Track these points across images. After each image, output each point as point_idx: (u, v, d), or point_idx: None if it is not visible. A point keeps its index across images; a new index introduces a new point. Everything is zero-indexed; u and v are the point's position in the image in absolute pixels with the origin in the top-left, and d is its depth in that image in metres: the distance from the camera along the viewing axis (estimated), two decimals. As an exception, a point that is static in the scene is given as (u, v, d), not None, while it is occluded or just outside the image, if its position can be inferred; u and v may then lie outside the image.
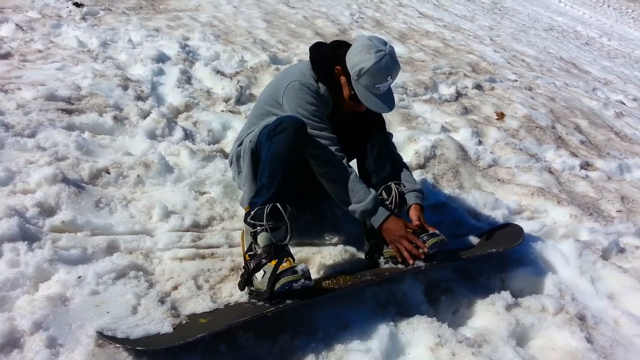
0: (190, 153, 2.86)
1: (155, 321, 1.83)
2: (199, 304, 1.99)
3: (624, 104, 6.19)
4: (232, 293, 2.09)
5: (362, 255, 2.40)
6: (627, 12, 20.82)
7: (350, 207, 2.19)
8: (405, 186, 2.36)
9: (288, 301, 1.86)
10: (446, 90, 4.87)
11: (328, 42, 2.41)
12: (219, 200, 2.60)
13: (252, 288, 2.01)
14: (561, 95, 5.65)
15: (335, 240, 2.50)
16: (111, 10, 5.56)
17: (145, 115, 3.18)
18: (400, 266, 2.20)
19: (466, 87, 5.02)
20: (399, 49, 6.33)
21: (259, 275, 1.98)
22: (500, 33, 9.32)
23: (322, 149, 2.18)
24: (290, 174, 2.07)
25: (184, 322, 1.86)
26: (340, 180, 2.19)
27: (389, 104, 2.24)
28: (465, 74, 5.43)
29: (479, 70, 5.93)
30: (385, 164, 2.36)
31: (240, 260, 2.25)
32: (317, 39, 5.93)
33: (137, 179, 2.60)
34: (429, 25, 8.36)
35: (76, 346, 1.68)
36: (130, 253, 2.17)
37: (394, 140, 3.40)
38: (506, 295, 2.26)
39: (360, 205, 2.16)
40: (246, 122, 2.54)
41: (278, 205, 2.00)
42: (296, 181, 2.15)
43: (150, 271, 2.12)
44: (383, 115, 2.45)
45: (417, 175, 3.16)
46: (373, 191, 2.20)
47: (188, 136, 3.13)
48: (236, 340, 1.87)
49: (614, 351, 2.14)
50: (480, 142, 3.81)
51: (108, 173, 2.59)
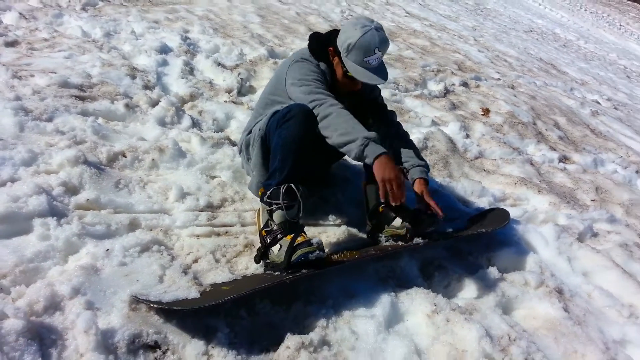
0: (200, 140, 3.03)
1: (181, 288, 2.02)
2: (219, 275, 2.18)
3: (599, 104, 6.52)
4: (248, 266, 2.28)
5: (364, 234, 2.60)
6: (603, 17, 21.43)
7: (349, 143, 2.16)
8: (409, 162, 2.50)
9: (303, 270, 2.05)
10: (435, 86, 5.11)
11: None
12: (229, 183, 2.78)
13: (268, 261, 2.20)
14: (541, 94, 5.95)
15: (338, 222, 2.71)
16: (109, 1, 5.66)
17: (154, 103, 3.34)
18: (400, 243, 2.41)
19: (453, 85, 5.27)
20: (389, 47, 6.55)
21: (275, 249, 2.18)
22: (483, 33, 9.62)
23: (323, 105, 2.24)
24: (300, 158, 2.24)
25: (208, 290, 2.04)
26: (344, 121, 2.19)
27: (382, 76, 2.32)
28: (452, 72, 5.68)
29: (465, 68, 6.19)
30: (392, 142, 2.56)
31: (252, 238, 2.44)
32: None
33: (152, 163, 2.76)
34: (416, 24, 8.61)
35: (112, 309, 1.86)
36: (150, 230, 2.34)
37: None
38: (493, 270, 2.50)
39: (361, 133, 2.15)
40: (253, 113, 2.72)
41: (292, 185, 2.20)
42: (305, 165, 2.34)
43: (170, 246, 2.29)
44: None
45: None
46: (370, 133, 2.17)
47: (195, 124, 3.30)
48: (254, 307, 2.07)
49: (587, 320, 2.39)
50: (467, 136, 4.06)
51: (124, 156, 2.75)
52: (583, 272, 2.77)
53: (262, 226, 2.23)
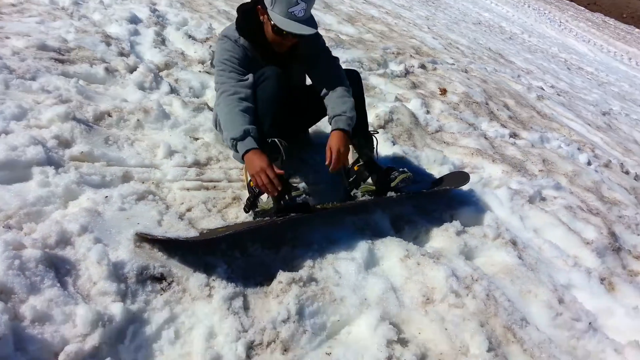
0: (182, 103, 3.15)
1: (180, 230, 2.18)
2: (212, 222, 2.34)
3: (544, 90, 7.02)
4: (238, 215, 2.45)
5: (341, 190, 2.82)
6: (545, 13, 22.54)
7: (227, 136, 2.29)
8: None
9: (292, 214, 2.25)
10: (396, 67, 5.38)
11: None
12: (213, 144, 2.92)
13: (257, 209, 2.38)
14: (492, 78, 6.36)
15: (317, 182, 2.91)
16: (71, -29, 5.56)
17: (131, 69, 3.41)
18: (374, 197, 2.65)
19: (413, 66, 5.57)
20: (350, 30, 6.78)
21: (264, 197, 2.36)
22: (435, 23, 10.02)
23: (219, 89, 2.40)
24: (277, 113, 2.43)
25: (205, 232, 2.21)
26: (225, 113, 2.32)
27: (311, 25, 2.32)
28: (410, 55, 5.98)
29: (422, 53, 6.51)
30: (361, 115, 2.77)
31: (239, 192, 2.60)
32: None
33: (137, 123, 2.86)
34: (373, 11, 8.87)
35: (119, 246, 2.00)
36: (143, 182, 2.46)
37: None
38: (456, 224, 2.79)
39: (231, 132, 2.26)
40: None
41: (275, 140, 2.39)
42: (283, 122, 2.52)
43: (163, 197, 2.42)
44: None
45: (379, 135, 3.61)
46: (249, 126, 2.27)
47: (174, 90, 3.40)
48: (247, 249, 2.25)
49: (539, 267, 2.72)
50: (428, 112, 4.35)
51: (110, 116, 2.83)
52: (534, 229, 3.11)
53: (250, 178, 2.40)
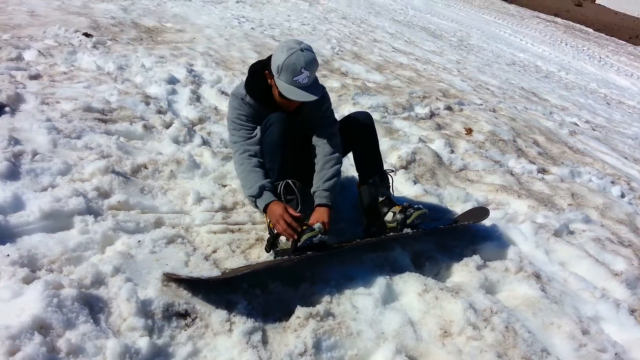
0: (212, 154, 3.38)
1: (205, 270, 2.33)
2: (235, 262, 2.49)
3: (578, 125, 6.96)
4: (260, 255, 2.59)
5: (361, 230, 2.92)
6: (583, 50, 22.33)
7: (246, 194, 2.57)
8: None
9: (309, 252, 2.37)
10: (421, 110, 5.52)
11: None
12: (240, 190, 3.10)
13: (277, 249, 2.52)
14: (521, 116, 6.39)
15: (337, 221, 3.02)
16: (117, 40, 6.09)
17: (168, 125, 3.70)
18: (391, 234, 2.73)
19: (438, 108, 5.69)
20: (378, 78, 7.02)
21: (283, 238, 2.50)
22: (466, 66, 10.17)
23: (232, 148, 2.67)
24: (285, 156, 2.59)
25: (227, 271, 2.35)
26: (240, 172, 2.60)
27: (313, 93, 2.46)
28: (437, 98, 6.12)
29: (449, 95, 6.64)
30: (375, 156, 2.91)
31: (262, 233, 2.75)
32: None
33: (171, 173, 3.10)
34: (403, 58, 9.13)
35: (148, 285, 2.16)
36: (173, 227, 2.66)
37: (380, 148, 4.02)
38: (477, 258, 2.82)
39: (249, 191, 2.53)
40: None
41: (289, 181, 2.55)
42: (295, 165, 2.67)
43: (191, 240, 2.60)
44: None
45: (401, 174, 3.74)
46: (263, 180, 2.51)
47: (205, 142, 3.65)
48: (267, 287, 2.37)
49: (563, 299, 2.70)
50: (452, 151, 4.43)
51: (146, 168, 3.08)
52: (559, 262, 3.09)
53: (269, 220, 2.55)
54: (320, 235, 2.39)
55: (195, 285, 2.21)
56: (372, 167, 2.91)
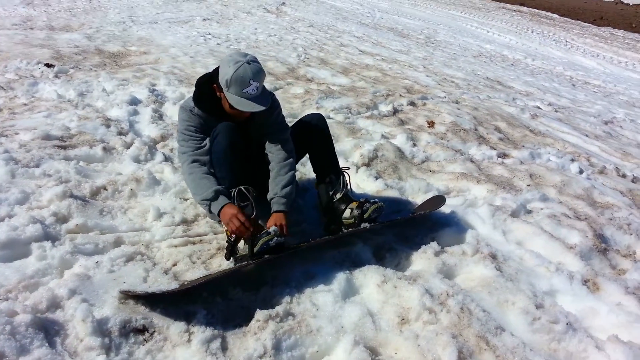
0: (172, 169, 3.43)
1: (163, 284, 2.37)
2: (196, 273, 2.53)
3: (540, 109, 7.11)
4: (221, 264, 2.64)
5: (321, 229, 2.98)
6: (549, 36, 22.69)
7: (198, 200, 2.60)
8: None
9: (266, 256, 2.43)
10: (384, 108, 5.61)
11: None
12: (200, 202, 3.15)
13: (237, 255, 2.57)
14: (484, 105, 6.51)
15: (299, 223, 3.09)
16: (79, 68, 6.12)
17: (128, 145, 3.74)
18: (350, 230, 2.80)
19: (402, 105, 5.79)
20: (343, 81, 7.12)
21: (241, 244, 2.55)
22: (432, 62, 10.33)
23: (181, 159, 2.71)
24: (234, 163, 2.64)
25: (186, 282, 2.40)
26: (191, 181, 2.63)
27: (262, 103, 2.54)
28: (400, 95, 6.22)
29: (413, 91, 6.75)
30: (330, 156, 2.98)
31: (223, 242, 2.80)
32: (269, 78, 6.66)
33: (131, 192, 3.14)
34: (369, 59, 9.25)
35: (104, 304, 2.20)
36: (133, 245, 2.70)
37: (343, 149, 4.10)
38: (434, 245, 2.90)
39: (203, 194, 2.55)
40: None
41: (242, 188, 2.60)
42: (246, 172, 2.72)
43: (152, 256, 2.64)
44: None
45: (363, 171, 3.81)
46: (218, 186, 2.56)
47: (168, 159, 3.69)
48: (228, 293, 2.42)
49: (519, 277, 2.77)
50: (414, 145, 4.52)
51: (106, 189, 3.12)
52: (516, 242, 3.18)
53: (226, 227, 2.60)
54: (276, 238, 2.44)
55: (152, 299, 2.25)
56: (328, 167, 2.98)
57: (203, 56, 7.70)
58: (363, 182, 3.74)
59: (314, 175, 3.06)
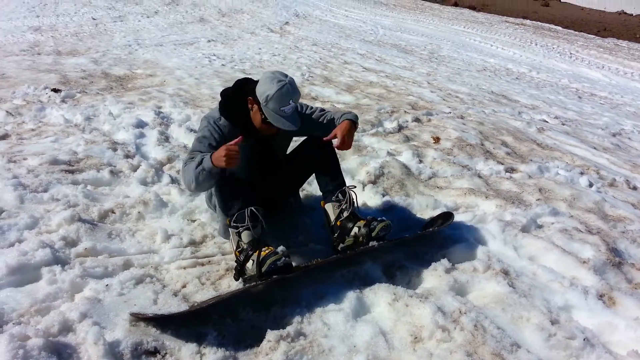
0: (179, 191, 3.44)
1: (173, 306, 2.36)
2: (205, 294, 2.52)
3: (547, 122, 7.09)
4: (230, 285, 2.62)
5: (330, 248, 2.96)
6: (553, 48, 22.75)
7: (196, 175, 2.53)
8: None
9: (274, 276, 2.41)
10: (389, 124, 5.62)
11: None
12: (209, 223, 3.15)
13: (246, 276, 2.55)
14: (489, 120, 6.51)
15: (306, 242, 3.08)
16: (86, 92, 6.20)
17: (135, 168, 3.76)
18: (360, 248, 2.78)
19: (407, 121, 5.80)
20: (347, 98, 7.15)
21: (249, 264, 2.54)
22: (437, 77, 10.36)
23: (186, 157, 2.66)
24: (248, 183, 2.65)
25: (196, 304, 2.38)
26: (191, 170, 2.55)
27: (295, 124, 2.68)
28: (405, 111, 6.23)
29: (418, 107, 6.77)
30: (336, 174, 2.98)
31: (232, 263, 2.78)
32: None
33: (139, 215, 3.15)
34: (373, 76, 9.30)
35: (115, 327, 2.19)
36: (142, 267, 2.70)
37: (349, 167, 4.10)
38: (445, 262, 2.87)
39: (197, 167, 2.52)
40: None
41: (253, 208, 2.60)
42: (260, 191, 2.74)
43: (161, 278, 2.64)
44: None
45: (369, 189, 3.81)
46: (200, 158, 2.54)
47: (174, 181, 3.71)
48: (238, 314, 2.40)
49: (532, 292, 2.73)
50: (420, 161, 4.51)
51: (114, 212, 3.13)
52: (528, 257, 3.14)
53: (235, 248, 2.59)
54: (284, 258, 2.43)
55: (163, 321, 2.23)
56: (334, 185, 2.98)
57: (208, 77, 7.78)
58: (370, 200, 3.73)
59: (321, 193, 3.05)
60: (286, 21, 18.01)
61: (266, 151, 2.93)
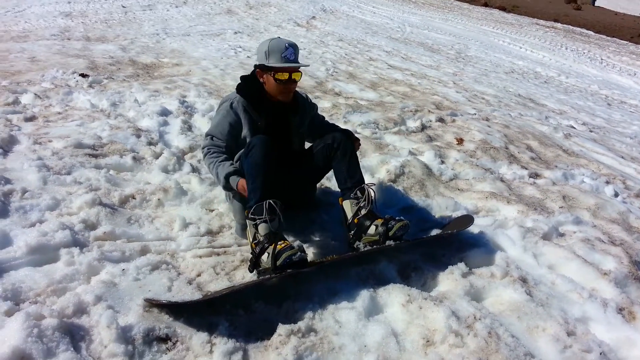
0: (199, 180, 3.46)
1: (187, 294, 2.38)
2: (219, 284, 2.53)
3: (574, 128, 6.95)
4: (244, 276, 2.63)
5: (345, 245, 2.95)
6: (584, 53, 22.28)
7: (219, 179, 2.81)
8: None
9: (289, 270, 2.41)
10: (412, 123, 5.57)
11: None
12: (226, 213, 3.16)
13: (260, 269, 2.55)
14: (515, 123, 6.40)
15: (323, 238, 3.07)
16: (113, 78, 6.27)
17: (157, 155, 3.79)
18: (374, 247, 2.76)
19: (430, 121, 5.74)
20: (371, 95, 7.11)
21: (265, 257, 2.53)
22: (463, 78, 10.24)
23: (205, 158, 2.89)
24: (267, 176, 2.66)
25: (209, 293, 2.39)
26: (211, 171, 2.86)
27: (303, 60, 2.90)
28: (429, 110, 6.17)
29: (442, 107, 6.69)
30: (355, 171, 2.95)
31: (247, 254, 2.79)
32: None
33: (158, 202, 3.17)
34: (398, 74, 9.23)
35: (129, 311, 2.21)
36: (159, 254, 2.72)
37: (369, 164, 4.07)
38: (462, 265, 2.83)
39: (222, 173, 2.77)
40: None
41: (271, 201, 2.59)
42: (277, 183, 2.74)
43: (177, 266, 2.65)
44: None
45: (389, 188, 3.77)
46: (224, 174, 2.77)
47: (195, 170, 3.73)
48: (250, 306, 2.41)
49: (550, 302, 2.68)
50: (442, 162, 4.46)
51: (134, 198, 3.16)
52: (548, 265, 3.07)
53: (251, 240, 2.60)
54: (299, 253, 2.42)
55: (176, 309, 2.25)
56: (353, 182, 2.95)
57: (233, 69, 7.80)
58: (389, 199, 3.70)
59: (339, 190, 3.03)
60: (313, 15, 17.97)
61: (284, 140, 2.97)
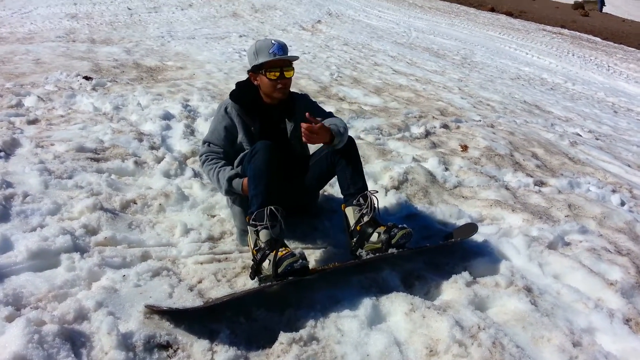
0: (201, 185, 3.44)
1: (188, 301, 2.35)
2: (220, 291, 2.50)
3: (580, 136, 6.90)
4: (245, 283, 2.60)
5: (348, 253, 2.92)
6: (591, 60, 22.21)
7: (221, 185, 2.84)
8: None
9: (290, 278, 2.38)
10: (417, 130, 5.54)
11: None
12: (228, 219, 3.14)
13: (261, 276, 2.53)
14: (520, 130, 6.36)
15: (325, 245, 3.04)
16: (117, 81, 6.27)
17: (159, 160, 3.78)
18: (376, 254, 2.73)
19: (434, 127, 5.71)
20: (375, 101, 7.08)
21: (266, 264, 2.51)
22: (468, 83, 10.20)
23: (204, 166, 2.92)
24: (270, 182, 2.63)
25: (210, 300, 2.37)
26: (214, 172, 2.86)
27: (293, 53, 2.90)
28: (433, 117, 6.14)
29: (447, 113, 6.66)
30: (359, 177, 2.93)
31: (249, 261, 2.76)
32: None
33: (160, 207, 3.15)
34: (402, 79, 9.20)
35: (130, 318, 2.19)
36: (160, 260, 2.70)
37: (372, 170, 4.04)
38: (466, 274, 2.79)
39: (224, 176, 2.81)
40: None
41: (273, 208, 2.57)
42: (279, 190, 2.71)
43: (178, 272, 2.63)
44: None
45: (392, 194, 3.74)
46: (226, 178, 2.80)
47: (197, 175, 3.71)
48: (252, 314, 2.38)
49: (555, 312, 2.64)
50: (446, 169, 4.43)
51: (135, 203, 3.15)
52: (553, 275, 3.03)
53: (252, 246, 2.57)
54: (301, 260, 2.39)
55: (177, 316, 2.23)
56: (356, 189, 2.92)
57: (237, 73, 7.79)
58: (392, 206, 3.66)
59: (341, 196, 3.01)
60: (318, 19, 17.98)
61: (282, 145, 2.92)
